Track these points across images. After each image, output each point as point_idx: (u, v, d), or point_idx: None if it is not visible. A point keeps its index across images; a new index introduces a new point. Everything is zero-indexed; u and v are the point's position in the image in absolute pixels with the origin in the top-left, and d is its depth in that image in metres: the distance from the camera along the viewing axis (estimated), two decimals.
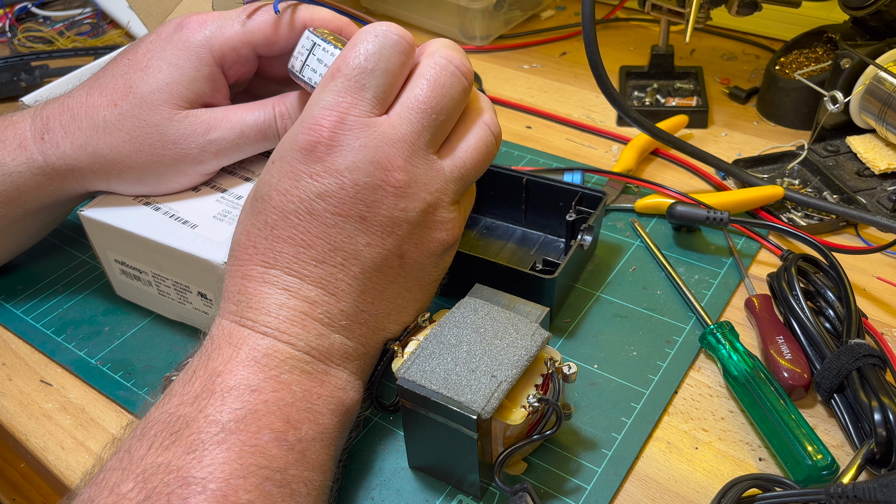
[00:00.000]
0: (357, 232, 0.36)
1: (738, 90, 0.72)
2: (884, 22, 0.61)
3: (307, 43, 0.42)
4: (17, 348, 0.50)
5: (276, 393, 0.34)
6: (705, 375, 0.45)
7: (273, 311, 0.36)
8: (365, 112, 0.36)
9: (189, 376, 0.35)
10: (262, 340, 0.35)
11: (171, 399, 0.34)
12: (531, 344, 0.37)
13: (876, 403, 0.38)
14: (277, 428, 0.33)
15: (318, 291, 0.36)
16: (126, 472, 0.31)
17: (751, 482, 0.36)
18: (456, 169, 0.39)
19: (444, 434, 0.36)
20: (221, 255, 0.43)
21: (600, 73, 0.53)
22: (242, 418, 0.32)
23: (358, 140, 0.36)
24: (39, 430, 0.44)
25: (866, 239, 0.54)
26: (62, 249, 0.57)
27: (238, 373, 0.34)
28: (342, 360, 0.37)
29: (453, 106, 0.39)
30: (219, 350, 0.35)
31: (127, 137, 0.44)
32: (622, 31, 0.86)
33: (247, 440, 0.32)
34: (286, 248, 0.36)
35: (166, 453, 0.31)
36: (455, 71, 0.38)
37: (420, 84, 0.38)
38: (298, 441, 0.34)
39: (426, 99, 0.37)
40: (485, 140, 0.40)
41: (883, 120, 0.57)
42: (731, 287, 0.50)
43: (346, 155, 0.36)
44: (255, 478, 0.31)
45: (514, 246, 0.55)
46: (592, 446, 0.41)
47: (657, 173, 0.63)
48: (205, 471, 0.31)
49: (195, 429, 0.32)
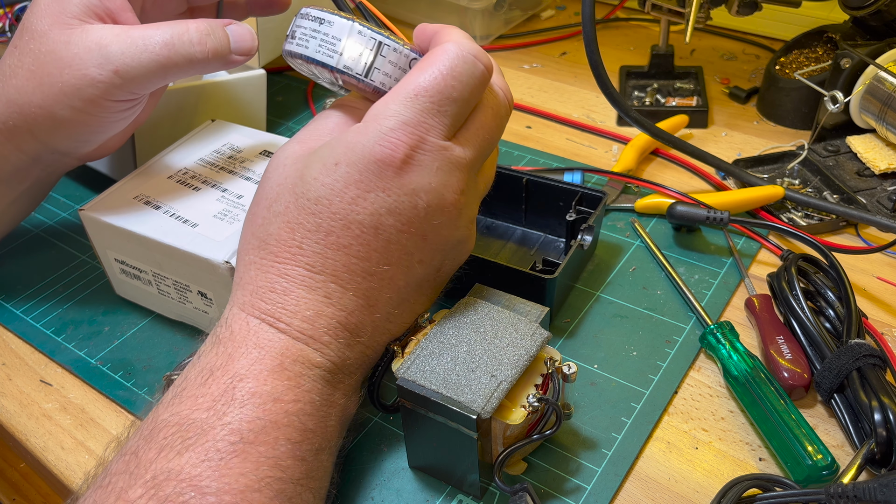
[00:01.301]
0: (415, 249, 0.37)
1: (738, 90, 0.72)
2: (884, 22, 0.61)
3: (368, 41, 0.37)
4: (17, 348, 0.50)
5: (297, 403, 0.33)
6: (705, 375, 0.45)
7: (310, 319, 0.35)
8: (442, 135, 0.36)
9: (205, 376, 0.33)
10: (293, 346, 0.34)
11: (183, 400, 0.32)
12: (531, 344, 0.37)
13: (876, 403, 0.38)
14: (294, 439, 0.32)
15: (358, 302, 0.36)
16: (134, 477, 0.30)
17: (751, 482, 0.36)
18: (482, 184, 0.42)
19: (444, 434, 0.36)
20: (222, 255, 0.43)
21: (600, 73, 0.53)
22: (262, 428, 0.31)
23: (435, 163, 0.36)
24: (39, 430, 0.44)
25: (866, 239, 0.54)
26: (62, 249, 0.57)
27: (262, 379, 0.33)
28: (354, 369, 0.37)
29: (500, 134, 0.40)
30: (245, 350, 0.34)
31: (28, 74, 0.42)
32: (622, 31, 0.86)
33: (265, 451, 0.31)
34: (339, 256, 0.35)
35: (179, 459, 0.30)
36: (508, 102, 0.40)
37: (486, 113, 0.38)
38: (309, 451, 0.33)
39: (489, 129, 0.38)
40: (494, 155, 0.43)
41: (883, 120, 0.57)
42: (731, 287, 0.50)
43: (423, 176, 0.35)
44: (269, 490, 0.31)
45: (514, 246, 0.55)
46: (592, 446, 0.41)
47: (657, 173, 0.63)
48: (221, 481, 0.30)
49: (212, 436, 0.31)
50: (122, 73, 0.41)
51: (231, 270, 0.42)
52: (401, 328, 0.39)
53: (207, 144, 0.52)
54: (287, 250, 0.35)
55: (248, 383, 0.32)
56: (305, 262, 0.35)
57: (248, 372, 0.33)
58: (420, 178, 0.35)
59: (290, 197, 0.36)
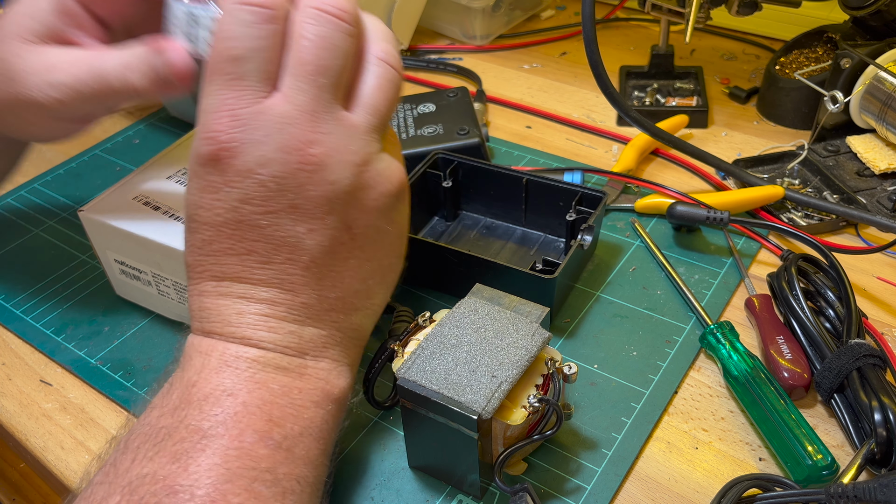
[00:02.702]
0: (293, 222, 0.35)
1: (738, 90, 0.72)
2: (884, 22, 0.61)
3: (180, 13, 0.38)
4: (17, 348, 0.50)
5: (252, 393, 0.34)
6: (705, 375, 0.45)
7: (234, 321, 0.35)
8: (253, 100, 0.34)
9: (167, 389, 0.35)
10: (230, 347, 0.35)
11: (151, 412, 0.34)
12: (531, 344, 0.37)
13: (876, 403, 0.38)
14: (260, 428, 0.33)
15: (273, 291, 0.35)
16: (112, 486, 0.31)
17: (751, 482, 0.36)
18: (367, 115, 0.37)
19: (444, 434, 0.36)
20: None
21: (600, 73, 0.53)
22: (223, 423, 0.32)
23: (258, 131, 0.34)
24: (39, 430, 0.44)
25: (866, 239, 0.54)
26: (62, 249, 0.57)
27: (211, 379, 0.34)
28: (319, 350, 0.37)
29: (342, 55, 0.35)
30: (190, 361, 0.35)
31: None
32: (622, 31, 0.86)
33: (230, 444, 0.32)
34: (229, 259, 0.35)
35: (150, 464, 0.31)
36: (332, 19, 0.35)
37: (301, 46, 0.35)
38: (284, 438, 0.33)
39: (312, 60, 0.34)
40: (385, 76, 0.38)
41: (883, 120, 0.57)
42: (731, 287, 0.50)
43: (251, 151, 0.34)
44: (242, 480, 0.31)
45: (514, 246, 0.55)
46: (592, 446, 0.41)
47: (657, 173, 0.63)
48: (190, 478, 0.30)
49: (177, 438, 0.32)
50: (65, 103, 0.41)
51: None
52: (354, 300, 0.38)
53: None
54: (194, 272, 0.36)
55: (200, 387, 0.34)
56: (210, 276, 0.36)
57: (198, 377, 0.34)
58: (250, 156, 0.34)
59: (185, 224, 0.37)
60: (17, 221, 0.60)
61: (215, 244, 0.35)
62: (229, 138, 0.34)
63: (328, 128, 0.35)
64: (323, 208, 0.35)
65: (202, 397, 0.33)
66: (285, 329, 0.36)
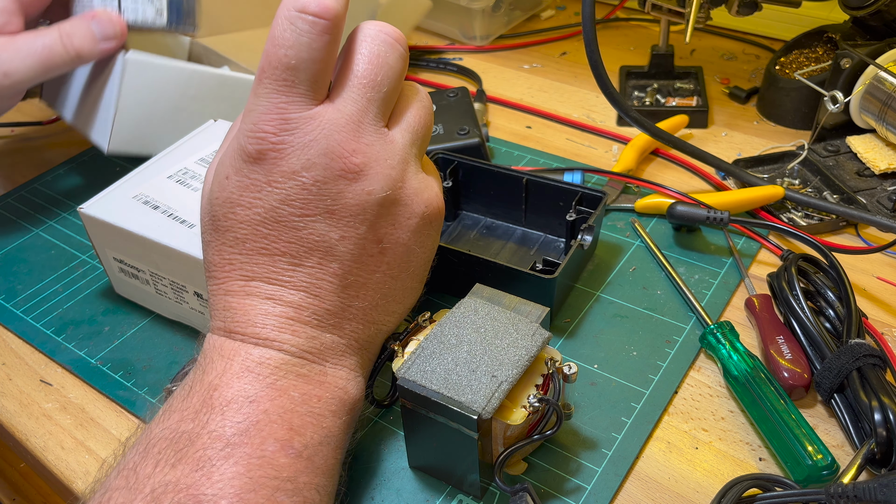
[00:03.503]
0: (328, 228, 0.36)
1: (738, 90, 0.72)
2: (884, 22, 0.61)
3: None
4: (17, 348, 0.50)
5: (274, 401, 0.34)
6: (705, 375, 0.45)
7: (259, 322, 0.35)
8: (304, 105, 0.35)
9: (186, 391, 0.34)
10: (253, 350, 0.35)
11: (171, 415, 0.33)
12: (532, 344, 0.37)
13: (876, 403, 0.38)
14: (281, 436, 0.33)
15: (300, 295, 0.36)
16: (133, 492, 0.31)
17: (751, 482, 0.36)
18: (408, 135, 0.38)
19: (444, 434, 0.36)
20: None
21: (600, 73, 0.53)
22: (245, 430, 0.32)
23: (306, 136, 0.35)
24: (39, 430, 0.44)
25: (866, 239, 0.54)
26: (62, 249, 0.57)
27: (234, 385, 0.34)
28: (337, 358, 0.37)
29: (394, 76, 0.37)
30: (212, 364, 0.35)
31: None
32: (622, 31, 0.86)
33: (253, 452, 0.32)
34: (261, 259, 0.36)
35: (174, 471, 0.31)
36: (388, 39, 0.37)
37: (357, 60, 0.36)
38: (305, 447, 0.33)
39: (366, 73, 0.36)
40: (423, 101, 0.40)
41: (883, 120, 0.57)
42: (731, 287, 0.50)
43: (298, 154, 0.35)
44: (266, 490, 0.31)
45: (514, 246, 0.55)
46: (592, 446, 0.41)
47: (657, 173, 0.63)
48: (215, 487, 0.30)
49: (200, 445, 0.31)
50: (9, 75, 0.51)
51: None
52: (374, 314, 0.38)
53: (208, 144, 0.52)
54: (222, 270, 0.36)
55: (222, 391, 0.33)
56: (239, 275, 0.36)
57: (220, 381, 0.34)
58: (296, 158, 0.35)
59: (208, 220, 0.37)
60: (17, 221, 0.61)
61: (249, 243, 0.36)
62: (279, 140, 0.35)
63: (371, 139, 0.36)
64: (357, 217, 0.36)
65: (224, 403, 0.33)
66: (308, 334, 0.36)
